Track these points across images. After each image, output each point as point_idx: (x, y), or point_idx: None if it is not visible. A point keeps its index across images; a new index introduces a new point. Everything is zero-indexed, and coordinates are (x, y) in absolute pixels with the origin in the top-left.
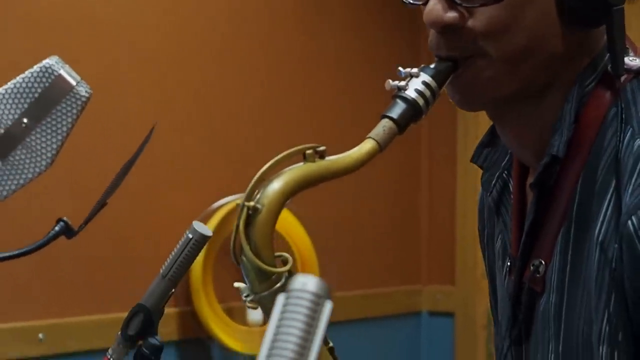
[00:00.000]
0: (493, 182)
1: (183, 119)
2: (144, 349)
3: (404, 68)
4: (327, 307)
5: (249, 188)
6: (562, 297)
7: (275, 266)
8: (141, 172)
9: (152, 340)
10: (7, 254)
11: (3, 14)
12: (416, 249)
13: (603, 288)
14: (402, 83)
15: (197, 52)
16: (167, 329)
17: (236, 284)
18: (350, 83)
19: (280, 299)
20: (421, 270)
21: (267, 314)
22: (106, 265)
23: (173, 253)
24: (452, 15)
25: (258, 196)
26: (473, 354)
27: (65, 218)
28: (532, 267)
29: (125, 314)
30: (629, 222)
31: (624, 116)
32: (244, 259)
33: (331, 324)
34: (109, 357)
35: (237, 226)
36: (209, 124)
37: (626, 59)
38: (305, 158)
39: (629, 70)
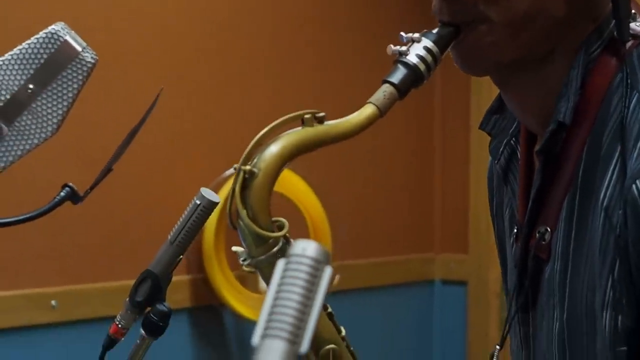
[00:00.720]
0: (501, 149)
1: (194, 86)
2: (152, 315)
3: (407, 33)
4: (327, 272)
5: (245, 152)
6: (567, 264)
7: (272, 231)
8: (152, 139)
9: (160, 307)
10: (12, 219)
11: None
12: (429, 217)
13: (607, 254)
14: (404, 48)
15: (204, 16)
16: (179, 296)
17: (234, 248)
18: (359, 47)
19: (280, 264)
20: (434, 239)
21: (264, 277)
22: (118, 232)
23: (181, 219)
24: None
25: (255, 160)
26: (486, 322)
27: (70, 183)
28: (537, 234)
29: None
30: (634, 186)
31: (629, 82)
32: (240, 223)
33: (343, 292)
34: (117, 323)
35: (233, 190)
36: (220, 91)
37: (632, 25)
38: (303, 123)
39: (635, 36)
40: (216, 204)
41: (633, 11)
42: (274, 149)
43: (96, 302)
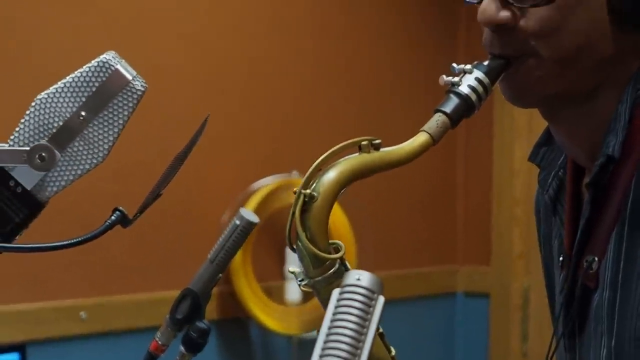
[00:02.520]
0: (549, 180)
1: (222, 101)
2: (191, 333)
3: (457, 64)
4: (380, 301)
5: (305, 176)
6: (616, 293)
7: (329, 253)
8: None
9: (200, 324)
10: (66, 242)
11: (59, 10)
12: (452, 229)
13: None
14: (456, 79)
15: (240, 36)
16: (207, 308)
17: (291, 269)
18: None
19: (335, 293)
20: (457, 251)
21: (320, 297)
22: (147, 245)
23: (221, 239)
24: (504, 14)
25: (314, 185)
26: (508, 334)
27: (121, 207)
28: (585, 263)
29: (165, 293)
30: None
31: None
32: (299, 244)
33: None
34: (157, 339)
35: (294, 213)
36: (248, 105)
37: None
38: (360, 149)
39: None
40: (255, 224)
41: None
42: (332, 175)
43: (124, 313)
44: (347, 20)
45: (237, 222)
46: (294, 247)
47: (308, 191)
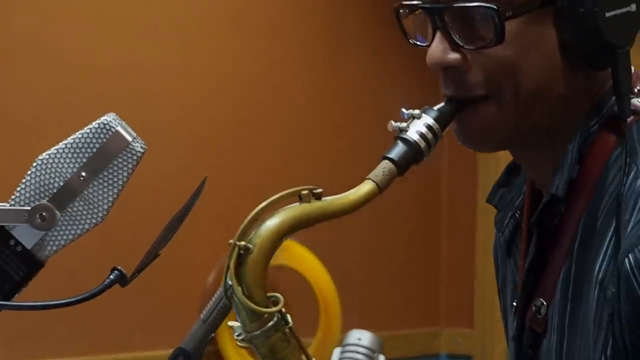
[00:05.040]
0: (506, 221)
1: (209, 162)
2: None
3: (407, 109)
4: None
5: (241, 228)
6: (563, 338)
7: (267, 306)
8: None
9: None
10: (65, 301)
11: (63, 69)
12: (435, 291)
13: (601, 329)
14: (404, 124)
15: (228, 102)
16: None
17: (230, 323)
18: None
19: (336, 352)
20: (440, 313)
21: (258, 351)
22: (132, 305)
23: (213, 299)
24: (454, 57)
25: (250, 236)
26: None
27: (119, 267)
28: (534, 308)
29: (150, 354)
30: (626, 260)
31: (628, 156)
32: (235, 298)
33: None
34: None
35: (228, 266)
36: (234, 167)
37: (633, 100)
38: (300, 199)
39: (636, 112)
40: None
41: (637, 88)
42: (270, 225)
43: None
44: (335, 79)
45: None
46: (230, 301)
47: (243, 243)
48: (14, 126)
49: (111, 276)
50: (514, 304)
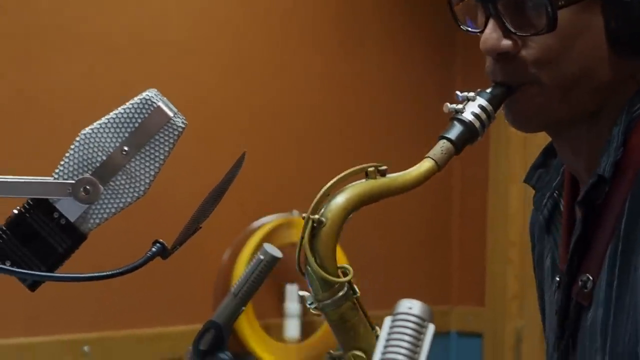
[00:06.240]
0: (544, 201)
1: (223, 140)
2: None
3: (461, 92)
4: (431, 328)
5: (314, 202)
6: (609, 311)
7: (337, 276)
8: (184, 190)
9: (223, 356)
10: (108, 273)
11: (99, 46)
12: (447, 270)
13: None
14: (460, 106)
15: (241, 77)
16: None
17: (301, 293)
18: (389, 104)
19: (387, 321)
20: (451, 291)
21: (329, 319)
22: (149, 282)
23: (245, 272)
24: (506, 43)
25: (322, 210)
26: None
27: (161, 240)
28: (580, 282)
29: (167, 329)
30: None
31: None
32: (308, 268)
33: None
34: None
35: (302, 238)
36: (248, 145)
37: None
38: (367, 175)
39: None
40: (279, 259)
41: None
42: (339, 201)
43: (127, 348)
44: (348, 68)
45: (262, 257)
46: (304, 272)
47: (316, 216)
48: (44, 107)
49: (153, 249)
50: (557, 279)
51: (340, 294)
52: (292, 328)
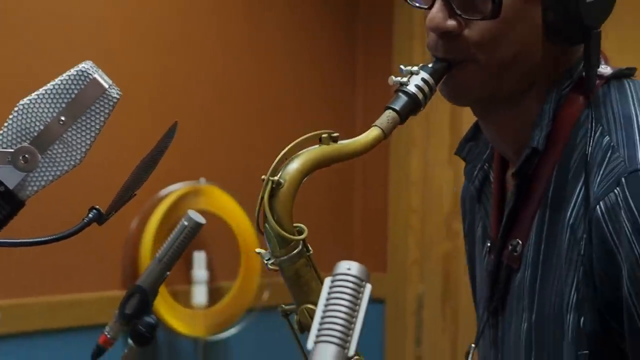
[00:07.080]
0: (475, 172)
1: (131, 109)
2: (140, 327)
3: (405, 66)
4: (368, 288)
5: (273, 165)
6: (536, 272)
7: (293, 234)
8: (93, 159)
9: (148, 319)
10: (45, 238)
11: (33, 23)
12: (349, 237)
13: (572, 264)
14: (404, 79)
15: (151, 48)
16: (113, 309)
17: (258, 250)
18: (292, 72)
19: (327, 281)
20: (354, 258)
21: (284, 275)
22: (59, 249)
23: (169, 239)
24: (451, 23)
25: (280, 172)
26: (403, 340)
27: (97, 206)
28: (510, 247)
29: (78, 296)
30: (597, 207)
31: (594, 116)
32: (267, 226)
33: (273, 308)
34: (106, 333)
35: (262, 197)
36: (156, 115)
37: (599, 68)
38: (320, 141)
39: (601, 77)
40: (202, 225)
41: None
42: (296, 164)
43: (39, 315)
44: (252, 37)
45: (185, 223)
46: (262, 230)
47: (275, 178)
48: None
49: (89, 215)
50: (488, 244)
51: (296, 251)
52: (199, 295)
